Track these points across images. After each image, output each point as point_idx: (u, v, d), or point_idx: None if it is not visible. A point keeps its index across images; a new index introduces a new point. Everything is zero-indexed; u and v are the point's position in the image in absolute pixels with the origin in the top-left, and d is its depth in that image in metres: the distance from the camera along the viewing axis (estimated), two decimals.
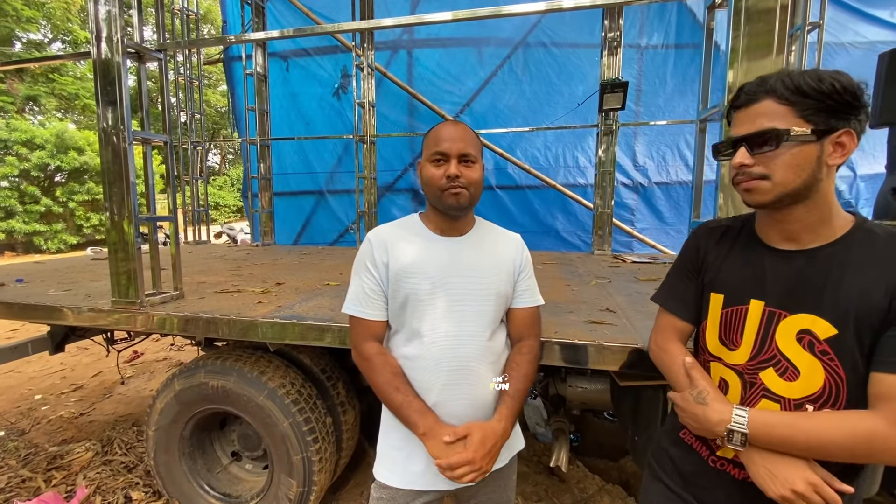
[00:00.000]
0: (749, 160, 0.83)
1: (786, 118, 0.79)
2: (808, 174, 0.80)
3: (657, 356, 1.07)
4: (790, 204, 0.83)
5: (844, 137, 0.80)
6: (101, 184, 1.96)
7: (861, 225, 0.85)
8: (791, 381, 0.85)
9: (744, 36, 1.27)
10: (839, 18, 5.15)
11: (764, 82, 0.82)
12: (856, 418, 0.78)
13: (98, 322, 2.04)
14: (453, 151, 1.13)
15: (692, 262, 1.03)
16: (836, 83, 0.77)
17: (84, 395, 3.86)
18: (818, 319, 0.82)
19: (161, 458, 2.15)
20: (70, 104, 17.94)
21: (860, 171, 5.43)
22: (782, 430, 0.81)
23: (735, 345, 0.93)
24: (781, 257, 0.88)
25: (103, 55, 1.88)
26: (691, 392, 0.92)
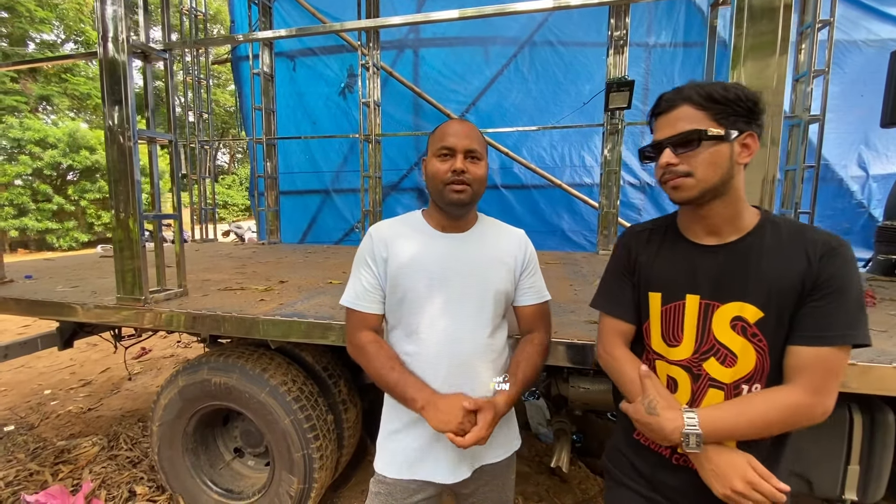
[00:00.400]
0: (674, 159, 0.91)
1: (702, 121, 0.89)
2: (724, 171, 0.90)
3: (606, 363, 1.10)
4: (710, 199, 0.93)
5: (749, 139, 0.91)
6: (108, 182, 1.98)
7: (767, 217, 0.96)
8: (731, 366, 0.94)
9: (747, 34, 1.25)
10: (851, 16, 5.07)
11: (680, 91, 0.92)
12: (783, 395, 0.88)
13: (103, 318, 2.06)
14: (460, 147, 1.13)
15: (625, 265, 1.09)
16: (739, 92, 0.89)
17: (92, 390, 3.91)
18: (746, 305, 0.92)
19: (165, 454, 2.17)
20: (82, 104, 18.18)
21: (873, 172, 5.34)
22: (730, 421, 0.89)
23: (677, 340, 1.00)
24: (707, 252, 0.97)
25: (109, 55, 1.90)
26: (642, 402, 0.96)
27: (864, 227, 5.35)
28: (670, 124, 0.92)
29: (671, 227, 1.06)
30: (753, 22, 1.23)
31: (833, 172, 5.30)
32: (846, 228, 5.44)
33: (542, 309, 1.29)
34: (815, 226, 0.99)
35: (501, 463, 1.28)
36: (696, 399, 0.98)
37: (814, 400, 0.86)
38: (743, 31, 1.24)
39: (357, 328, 1.21)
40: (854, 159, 5.38)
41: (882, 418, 1.38)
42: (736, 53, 1.27)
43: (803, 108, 3.39)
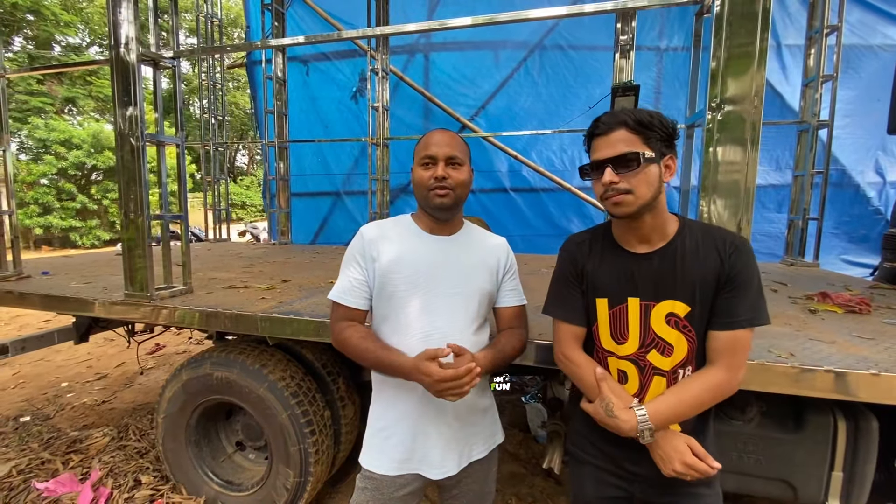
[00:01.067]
0: (616, 178, 1.01)
1: (637, 144, 1.01)
2: (656, 189, 1.03)
3: (566, 367, 1.20)
4: (642, 213, 1.05)
5: (670, 161, 1.06)
6: (117, 183, 2.08)
7: (684, 223, 1.11)
8: (669, 356, 1.08)
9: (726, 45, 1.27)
10: (867, 20, 4.97)
11: (616, 116, 1.04)
12: (709, 376, 1.04)
13: (112, 313, 2.15)
14: (440, 155, 1.20)
15: (573, 273, 1.19)
16: (661, 119, 1.03)
17: (107, 383, 4.05)
18: (676, 302, 1.06)
19: (169, 445, 2.25)
20: (106, 105, 18.74)
21: (890, 178, 5.22)
22: (673, 409, 1.04)
23: (624, 338, 1.13)
24: (642, 259, 1.10)
25: (121, 60, 1.99)
26: (601, 405, 1.08)
27: (880, 235, 5.22)
28: (610, 145, 1.03)
29: (607, 237, 1.18)
30: (733, 31, 1.25)
31: (849, 178, 5.20)
32: (863, 235, 5.32)
33: (522, 310, 1.36)
34: (717, 225, 1.16)
35: (485, 458, 1.33)
36: (644, 386, 1.12)
37: (731, 375, 1.03)
38: (722, 41, 1.26)
39: (339, 319, 1.28)
40: (871, 165, 5.26)
41: (866, 425, 1.38)
42: (716, 62, 1.28)
43: (812, 113, 3.34)
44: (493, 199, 5.92)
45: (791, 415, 1.50)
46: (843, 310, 1.91)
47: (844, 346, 1.42)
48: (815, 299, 2.10)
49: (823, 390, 1.23)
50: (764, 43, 1.21)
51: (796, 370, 1.25)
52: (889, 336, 1.54)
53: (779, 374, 1.28)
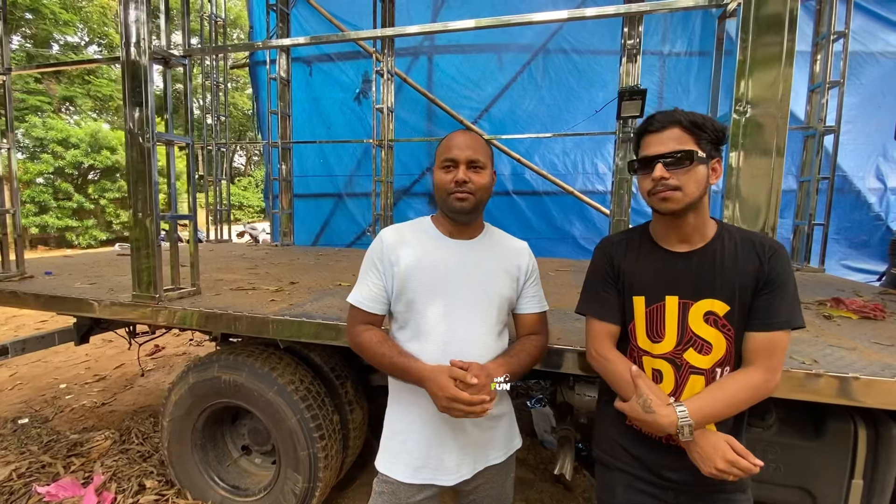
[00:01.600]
0: (667, 174, 1.03)
1: (690, 144, 1.03)
2: (703, 189, 1.05)
3: (599, 364, 1.20)
4: (688, 212, 1.07)
5: (717, 164, 1.08)
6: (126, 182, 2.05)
7: (723, 227, 1.13)
8: (707, 354, 1.09)
9: (752, 47, 1.26)
10: (869, 28, 5.00)
11: (671, 115, 1.05)
12: (747, 376, 1.05)
13: (119, 315, 2.12)
14: (462, 158, 1.18)
15: (608, 272, 1.20)
16: (712, 123, 1.04)
17: (106, 385, 4.00)
18: (716, 301, 1.07)
19: (174, 449, 2.22)
20: (104, 105, 18.66)
21: (891, 184, 5.25)
22: (712, 407, 1.03)
23: (660, 337, 1.13)
24: (681, 258, 1.11)
25: (131, 59, 1.97)
26: (637, 401, 1.07)
27: (881, 240, 5.26)
28: (662, 143, 1.04)
29: (645, 237, 1.19)
30: (759, 35, 1.24)
31: (850, 184, 5.22)
32: (863, 241, 5.35)
33: (543, 317, 1.34)
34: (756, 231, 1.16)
35: (502, 463, 1.31)
36: (680, 386, 1.11)
37: (770, 376, 1.04)
38: (748, 44, 1.26)
39: (356, 322, 1.27)
40: (872, 171, 5.29)
41: (887, 433, 1.37)
42: (741, 66, 1.28)
43: (818, 118, 3.35)
44: (495, 202, 5.91)
45: (810, 422, 1.49)
46: (858, 316, 1.90)
47: (866, 353, 1.41)
48: (828, 305, 2.09)
49: (851, 398, 1.22)
50: (791, 44, 1.21)
51: (823, 377, 1.24)
52: None
53: (805, 381, 1.26)
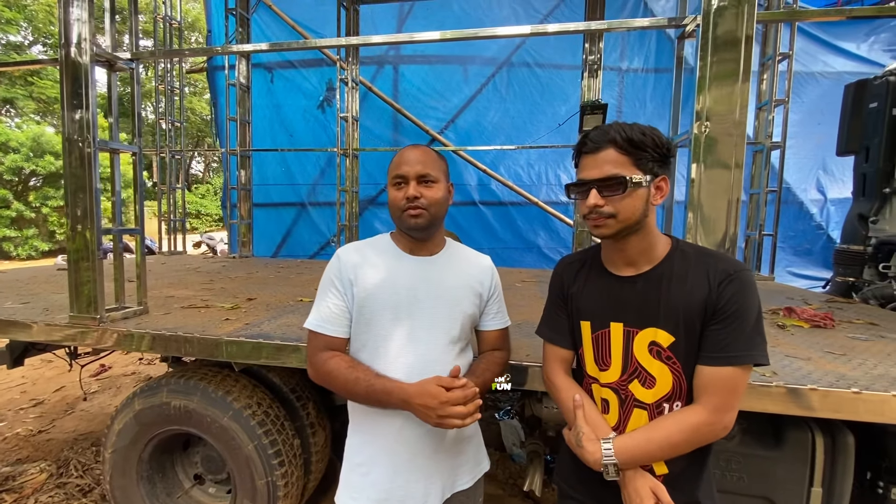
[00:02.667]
0: (601, 201, 0.97)
1: (626, 166, 0.96)
2: (641, 212, 0.98)
3: (549, 389, 1.19)
4: (626, 235, 1.01)
5: (662, 182, 1.00)
6: (64, 191, 1.89)
7: (677, 246, 1.05)
8: (650, 387, 1.02)
9: (711, 65, 1.30)
10: (809, 49, 5.37)
11: (606, 133, 0.97)
12: (686, 415, 0.97)
13: (54, 337, 1.95)
14: (412, 174, 1.14)
15: (559, 295, 1.17)
16: (655, 138, 0.96)
17: (44, 410, 3.69)
18: (659, 331, 1.00)
19: (117, 483, 2.04)
20: (49, 108, 17.56)
21: (830, 196, 5.62)
22: (641, 447, 0.97)
23: (606, 365, 1.07)
24: (626, 283, 1.05)
25: (71, 60, 1.83)
26: (573, 433, 1.05)
27: (823, 248, 5.61)
28: (597, 166, 0.97)
29: (595, 259, 1.14)
30: (717, 53, 1.28)
31: (794, 196, 5.56)
32: (807, 249, 5.69)
33: (506, 333, 1.33)
34: (720, 252, 1.06)
35: (470, 488, 1.27)
36: (624, 419, 1.06)
37: (714, 418, 0.94)
38: (707, 63, 1.29)
39: (318, 350, 1.18)
40: (813, 184, 5.65)
41: (843, 441, 1.41)
42: (701, 83, 1.31)
43: (765, 135, 3.54)
44: (462, 213, 5.93)
45: (771, 432, 1.53)
46: (810, 325, 1.98)
47: (821, 363, 1.45)
48: (781, 314, 2.17)
49: (810, 409, 1.25)
50: (747, 63, 1.26)
51: (782, 390, 1.26)
52: (858, 351, 1.60)
53: (765, 394, 1.28)
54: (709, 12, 1.27)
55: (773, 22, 3.44)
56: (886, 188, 2.74)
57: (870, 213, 2.83)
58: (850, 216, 3.07)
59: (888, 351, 1.62)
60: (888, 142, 2.71)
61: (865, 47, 5.52)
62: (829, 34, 5.41)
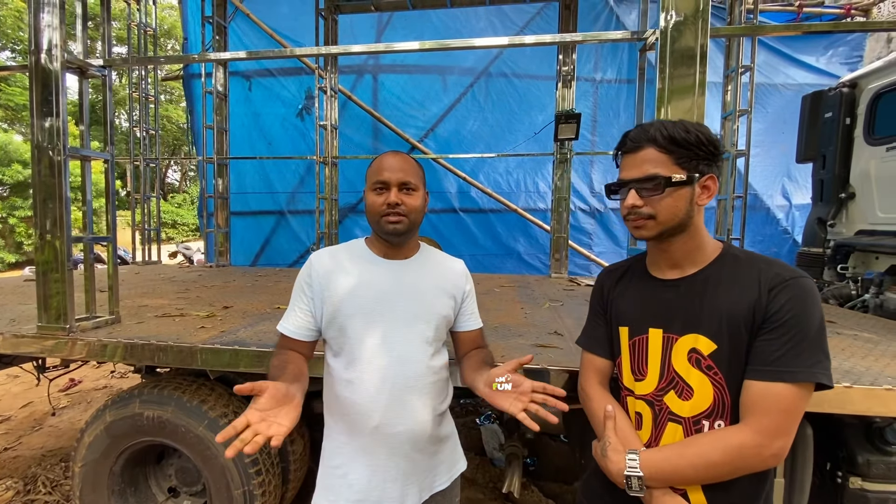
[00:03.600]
0: (639, 202, 0.93)
1: (666, 165, 0.91)
2: (684, 213, 0.93)
3: (581, 400, 1.13)
4: (670, 236, 0.95)
5: (709, 181, 0.94)
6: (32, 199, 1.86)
7: (727, 250, 0.98)
8: (687, 400, 0.93)
9: (670, 78, 1.37)
10: (772, 62, 5.63)
11: (645, 131, 0.94)
12: (729, 434, 0.86)
13: (21, 349, 1.89)
14: (394, 180, 1.16)
15: (599, 303, 1.14)
16: (700, 135, 0.91)
17: (10, 427, 3.55)
18: (700, 337, 0.92)
19: (88, 498, 1.98)
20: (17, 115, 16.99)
21: (795, 202, 5.86)
22: (670, 462, 0.89)
23: (643, 374, 1.01)
24: (669, 286, 0.99)
25: (41, 66, 1.81)
26: (600, 444, 0.99)
27: (789, 252, 5.83)
28: (636, 165, 0.94)
29: (639, 265, 1.09)
30: (675, 66, 1.36)
31: (761, 202, 5.77)
32: (774, 253, 5.90)
33: (481, 332, 1.36)
34: (777, 260, 0.94)
35: (447, 488, 1.28)
36: (657, 434, 0.98)
37: (761, 440, 0.82)
38: (666, 75, 1.36)
39: (277, 348, 1.23)
40: (779, 190, 5.89)
41: (802, 432, 1.48)
42: (660, 94, 1.38)
43: (731, 143, 3.69)
44: (443, 220, 5.97)
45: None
46: None
47: None
48: None
49: None
50: (703, 76, 1.33)
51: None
52: None
53: None
54: (666, 28, 1.35)
55: (735, 36, 3.61)
56: (842, 193, 2.90)
57: (828, 217, 2.98)
58: (810, 220, 3.22)
59: (842, 346, 1.71)
60: (842, 149, 2.87)
61: (825, 60, 5.81)
62: (790, 48, 5.69)
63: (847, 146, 2.87)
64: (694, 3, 1.39)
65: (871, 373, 1.41)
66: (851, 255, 2.83)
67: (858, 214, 2.85)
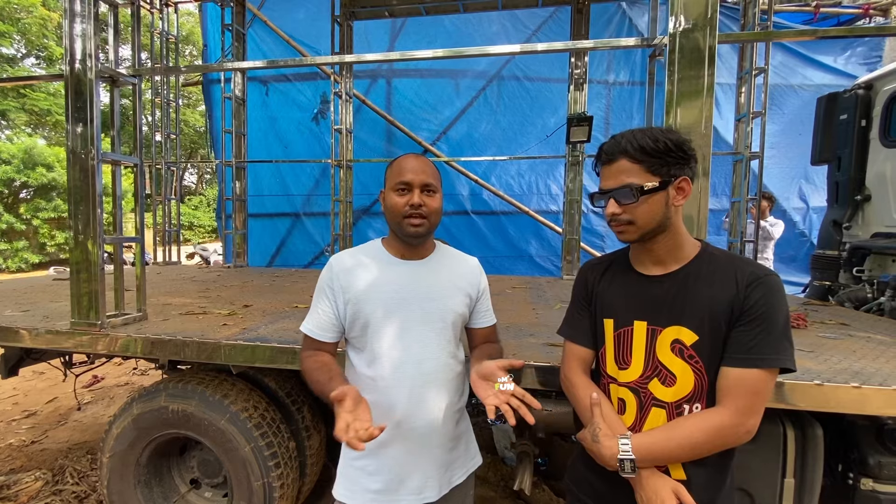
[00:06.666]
0: (618, 209, 1.01)
1: (638, 174, 0.98)
2: (661, 215, 1.00)
3: (565, 387, 1.18)
4: (651, 237, 1.03)
5: (683, 183, 1.01)
6: (67, 202, 1.95)
7: (705, 249, 1.07)
8: (671, 386, 1.02)
9: (678, 81, 1.40)
10: (788, 63, 5.58)
11: (618, 144, 1.01)
12: (709, 416, 0.96)
13: (55, 344, 1.99)
14: (417, 182, 1.19)
15: (583, 295, 1.19)
16: (668, 142, 0.98)
17: (37, 421, 3.68)
18: (683, 329, 1.00)
19: (115, 487, 2.07)
20: (41, 120, 17.50)
21: (812, 204, 5.78)
22: (660, 445, 0.97)
23: (626, 363, 1.08)
24: (653, 281, 1.07)
25: (76, 76, 1.90)
26: (588, 430, 1.04)
27: (806, 255, 5.75)
28: (613, 176, 1.01)
29: (623, 259, 1.16)
30: (684, 70, 1.39)
31: (777, 204, 5.70)
32: (791, 256, 5.82)
33: (495, 329, 1.41)
34: (747, 258, 1.02)
35: (464, 482, 1.33)
36: (641, 418, 1.05)
37: (737, 420, 0.93)
38: (675, 79, 1.40)
39: (304, 349, 1.28)
40: (795, 192, 5.82)
41: (812, 433, 1.49)
42: (669, 97, 1.42)
43: (744, 145, 3.68)
44: (455, 222, 6.02)
45: None
46: None
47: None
48: None
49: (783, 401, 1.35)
50: (711, 79, 1.36)
51: None
52: (827, 349, 1.69)
53: None
54: (675, 33, 1.38)
55: (749, 41, 3.60)
56: (857, 195, 2.87)
57: (843, 219, 2.95)
58: (825, 223, 3.20)
59: (854, 348, 1.72)
60: (858, 152, 2.85)
61: (842, 60, 5.73)
62: (807, 48, 5.63)
63: (863, 148, 2.84)
64: (703, 9, 1.42)
65: (881, 374, 1.42)
66: (867, 258, 2.80)
67: (874, 217, 2.82)
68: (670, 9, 1.43)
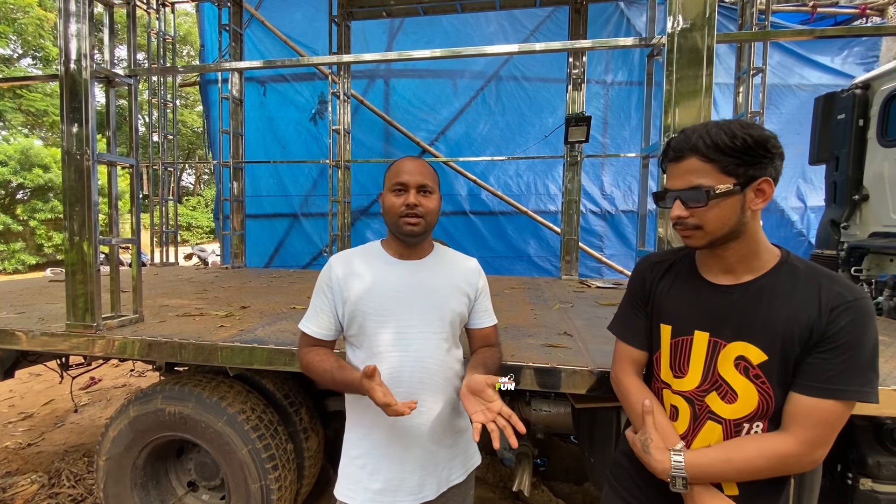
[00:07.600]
0: (685, 213, 0.92)
1: (710, 175, 0.88)
2: (735, 221, 0.90)
3: (616, 388, 1.14)
4: (723, 243, 0.93)
5: (764, 185, 0.89)
6: (63, 203, 1.94)
7: (786, 259, 0.95)
8: (731, 403, 0.94)
9: (676, 81, 1.40)
10: (786, 63, 5.58)
11: (688, 140, 0.91)
12: (773, 442, 0.89)
13: (50, 346, 1.98)
14: (413, 183, 1.21)
15: (639, 294, 1.11)
16: (747, 138, 0.86)
17: (33, 424, 3.66)
18: (751, 346, 0.92)
19: (111, 490, 2.06)
20: (38, 120, 17.44)
21: (810, 203, 5.78)
22: (716, 466, 0.91)
23: (683, 372, 1.01)
24: (720, 291, 0.97)
25: (71, 77, 1.89)
26: (640, 438, 1.00)
27: (804, 254, 5.74)
28: (680, 175, 0.92)
29: (687, 261, 1.06)
30: (682, 70, 1.39)
31: (776, 203, 5.72)
32: None
33: (495, 329, 1.40)
34: (836, 274, 0.92)
35: (463, 482, 1.33)
36: (695, 429, 0.99)
37: (804, 450, 0.86)
38: (673, 79, 1.40)
39: (303, 346, 1.29)
40: (793, 192, 5.82)
41: None
42: (667, 97, 1.42)
43: None
44: (453, 222, 6.01)
45: None
46: None
47: None
48: None
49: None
50: (709, 78, 1.36)
51: None
52: None
53: None
54: (673, 33, 1.38)
55: (747, 41, 3.60)
56: (855, 195, 2.87)
57: (841, 219, 2.95)
58: (823, 222, 3.20)
59: None
60: (855, 151, 2.85)
61: (840, 60, 5.74)
62: (804, 48, 5.63)
63: (860, 148, 2.84)
64: (701, 9, 1.42)
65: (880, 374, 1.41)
66: (865, 258, 2.80)
67: (872, 216, 2.82)
68: (668, 9, 1.44)
